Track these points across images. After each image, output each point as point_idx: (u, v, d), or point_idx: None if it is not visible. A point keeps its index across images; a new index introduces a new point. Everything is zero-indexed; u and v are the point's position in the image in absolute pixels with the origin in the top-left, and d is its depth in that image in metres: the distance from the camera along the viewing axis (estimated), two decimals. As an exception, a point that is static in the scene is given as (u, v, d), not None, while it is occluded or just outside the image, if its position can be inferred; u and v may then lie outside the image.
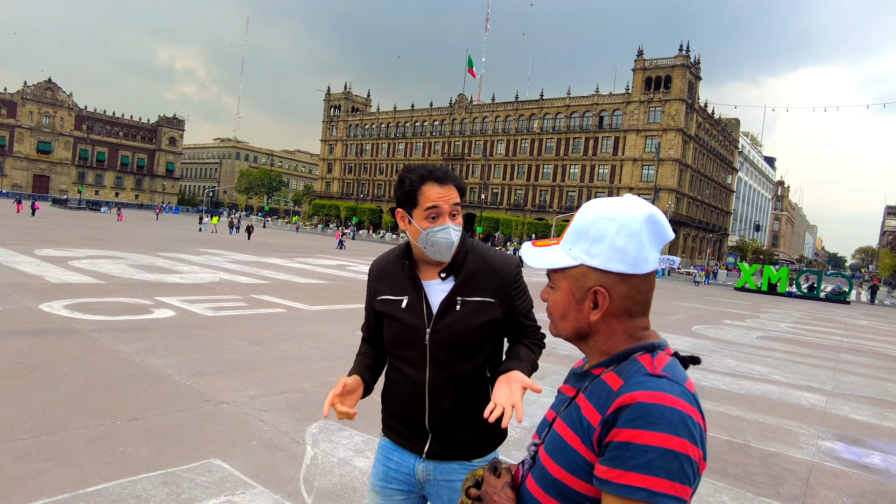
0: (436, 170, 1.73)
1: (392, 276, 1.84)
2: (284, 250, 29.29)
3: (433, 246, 1.70)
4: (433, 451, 1.76)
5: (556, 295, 1.12)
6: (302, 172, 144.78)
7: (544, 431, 1.14)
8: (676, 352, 1.08)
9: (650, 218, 1.03)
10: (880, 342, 15.61)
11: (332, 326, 9.24)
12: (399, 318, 1.77)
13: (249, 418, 4.71)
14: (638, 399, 0.92)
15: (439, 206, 1.69)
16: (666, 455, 0.88)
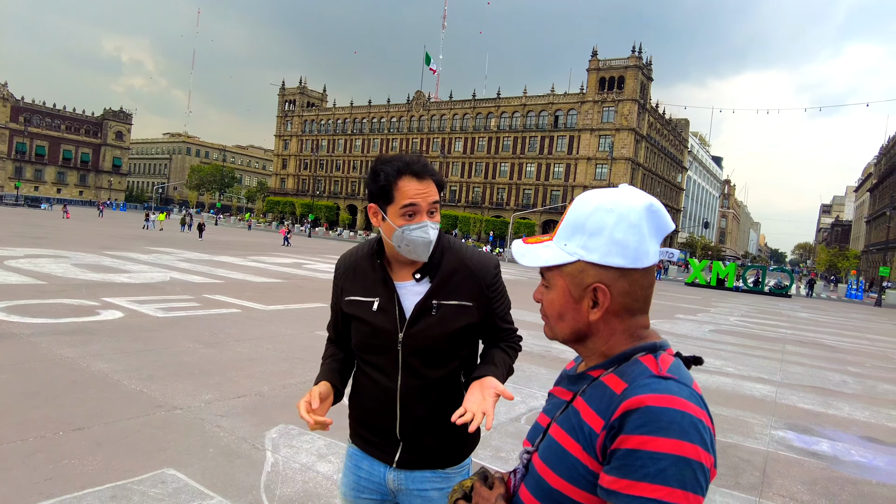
0: (413, 162, 1.59)
1: (362, 274, 1.71)
2: (238, 248, 28.51)
3: (409, 245, 1.58)
4: (404, 460, 1.67)
5: (551, 294, 1.05)
6: (255, 168, 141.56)
7: (538, 438, 1.06)
8: (679, 352, 1.02)
9: (650, 208, 0.97)
10: (820, 333, 16.36)
11: (290, 327, 9.01)
12: (369, 322, 1.65)
13: (205, 424, 4.51)
14: (646, 403, 0.86)
15: (417, 204, 1.56)
16: (679, 463, 0.82)
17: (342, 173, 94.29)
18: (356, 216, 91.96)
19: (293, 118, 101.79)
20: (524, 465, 1.07)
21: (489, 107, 79.29)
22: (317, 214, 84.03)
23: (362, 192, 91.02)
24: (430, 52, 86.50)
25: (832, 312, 26.84)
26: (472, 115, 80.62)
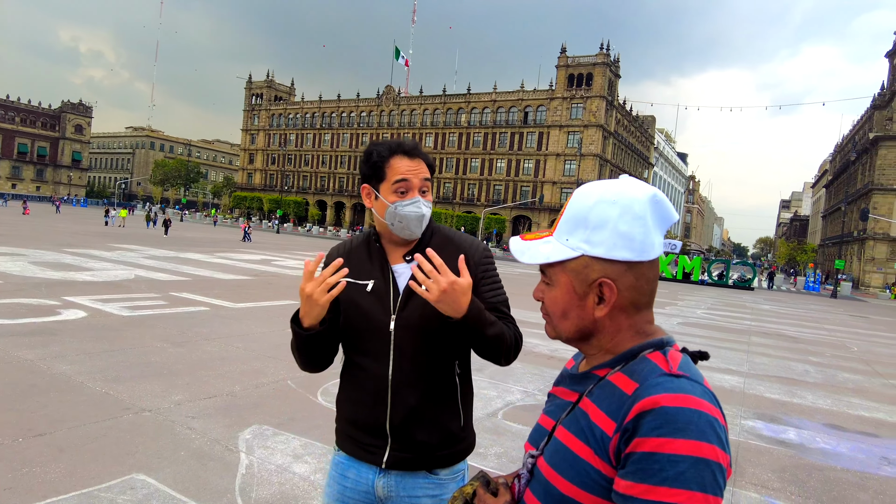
0: (405, 143, 1.62)
1: (357, 258, 1.69)
2: (205, 245, 27.90)
3: (402, 221, 1.58)
4: (394, 458, 1.60)
5: (553, 292, 1.01)
6: (222, 163, 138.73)
7: (542, 441, 1.02)
8: (685, 347, 0.99)
9: (654, 198, 0.94)
10: (782, 325, 16.86)
11: (260, 325, 8.83)
12: (361, 304, 1.62)
13: (175, 426, 4.37)
14: (661, 403, 0.83)
15: (409, 180, 1.58)
16: (698, 464, 0.79)
17: (311, 168, 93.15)
18: (325, 212, 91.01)
19: (260, 112, 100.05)
20: (528, 469, 1.03)
21: (459, 102, 79.29)
22: (285, 210, 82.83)
23: (332, 188, 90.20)
24: (399, 47, 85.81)
25: (792, 304, 27.70)
26: (442, 110, 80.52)
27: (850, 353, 12.37)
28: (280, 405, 5.13)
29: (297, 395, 5.46)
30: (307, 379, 6.03)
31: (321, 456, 4.07)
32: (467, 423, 1.69)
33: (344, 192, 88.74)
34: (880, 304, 36.90)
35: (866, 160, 56.85)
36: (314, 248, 36.10)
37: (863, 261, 52.65)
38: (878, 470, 5.08)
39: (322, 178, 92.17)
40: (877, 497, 4.47)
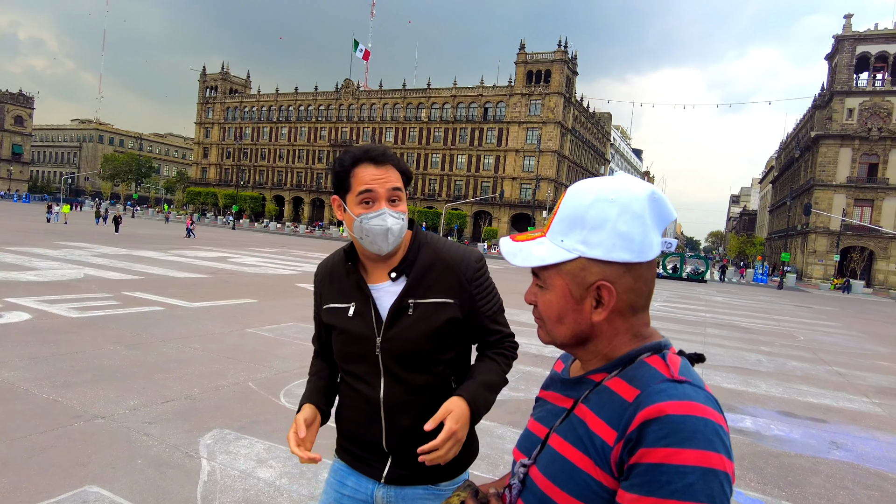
0: (372, 149, 1.51)
1: (338, 280, 1.61)
2: (158, 242, 26.97)
3: (368, 235, 1.48)
4: (394, 475, 1.54)
5: (548, 296, 0.96)
6: (175, 158, 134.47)
7: (535, 450, 0.97)
8: (681, 350, 0.96)
9: (652, 196, 0.90)
10: (735, 316, 17.46)
11: (218, 324, 8.57)
12: (346, 329, 1.55)
13: (131, 433, 4.18)
14: (666, 411, 0.79)
15: (374, 190, 1.47)
16: (707, 475, 0.76)
17: (268, 162, 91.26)
18: (283, 207, 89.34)
19: (215, 105, 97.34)
20: (520, 479, 0.98)
21: (420, 97, 78.99)
22: (241, 206, 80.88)
23: (289, 182, 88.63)
24: (358, 41, 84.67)
25: (743, 296, 28.74)
26: (402, 105, 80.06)
27: (798, 342, 12.91)
28: (242, 408, 4.98)
29: (260, 397, 5.31)
30: (269, 380, 5.89)
31: (286, 460, 3.96)
32: (470, 437, 1.61)
33: (302, 187, 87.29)
34: (821, 294, 38.72)
35: (808, 157, 59.44)
36: (272, 244, 35.39)
37: (806, 253, 55.08)
38: (828, 454, 5.29)
39: (279, 173, 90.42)
40: (828, 480, 4.65)
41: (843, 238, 50.99)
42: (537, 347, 8.53)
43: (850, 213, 51.94)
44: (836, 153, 53.32)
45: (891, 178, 51.47)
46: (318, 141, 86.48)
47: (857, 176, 52.66)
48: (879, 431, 6.22)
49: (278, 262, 21.46)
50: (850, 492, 4.45)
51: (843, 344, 13.33)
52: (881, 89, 52.69)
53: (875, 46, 53.00)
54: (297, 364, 6.58)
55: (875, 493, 4.46)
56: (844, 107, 53.40)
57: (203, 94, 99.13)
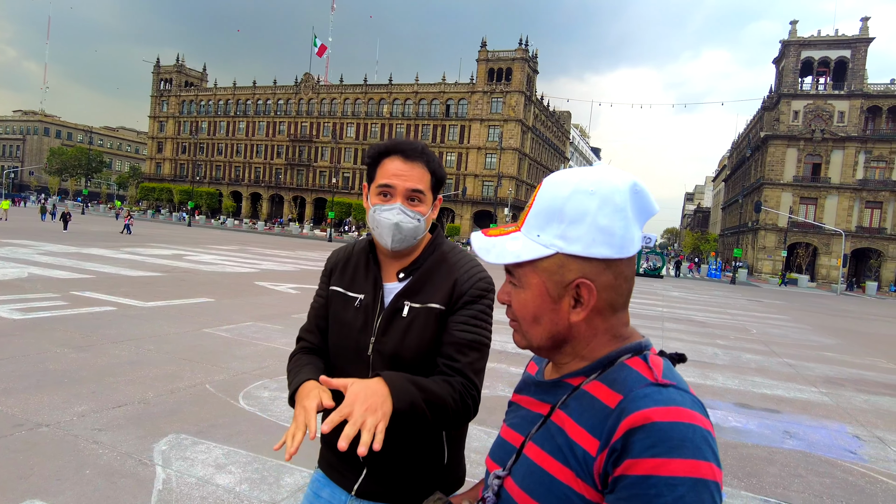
0: (404, 143, 1.46)
1: (353, 267, 1.54)
2: (110, 239, 25.94)
3: (377, 227, 1.43)
4: (365, 489, 1.46)
5: (523, 295, 0.90)
6: (127, 152, 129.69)
7: (510, 460, 0.91)
8: (662, 350, 0.91)
9: (634, 188, 0.85)
10: (691, 310, 17.94)
11: (174, 325, 8.27)
12: (345, 320, 1.49)
13: (79, 441, 3.96)
14: (652, 418, 0.74)
15: (393, 186, 1.41)
16: (697, 486, 0.72)
17: (225, 157, 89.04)
18: (241, 204, 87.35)
19: (170, 98, 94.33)
20: (494, 492, 0.92)
21: (381, 92, 78.39)
22: (197, 202, 78.66)
23: (247, 178, 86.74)
24: (318, 35, 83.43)
25: (698, 291, 29.60)
26: (363, 100, 79.30)
27: (751, 335, 13.34)
28: (199, 411, 4.79)
29: (218, 400, 5.13)
30: (227, 382, 5.70)
31: (246, 465, 3.83)
32: (453, 459, 1.52)
33: (260, 182, 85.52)
34: (771, 288, 40.25)
35: (758, 157, 61.66)
36: (229, 241, 34.53)
37: (756, 249, 57.15)
38: (782, 444, 5.46)
39: (237, 168, 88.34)
40: (784, 469, 4.79)
41: (790, 235, 53.11)
42: (501, 343, 8.55)
43: (796, 210, 54.15)
44: (783, 153, 55.46)
45: (833, 178, 53.88)
46: (277, 136, 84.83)
47: (802, 175, 54.91)
48: (828, 420, 6.46)
49: (236, 260, 20.94)
50: (804, 479, 4.60)
51: (792, 336, 13.86)
52: (823, 93, 55.04)
53: (818, 52, 55.31)
54: (255, 365, 6.40)
55: (826, 480, 4.62)
56: (791, 109, 55.58)
57: (157, 86, 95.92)
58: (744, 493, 4.20)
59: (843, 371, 9.66)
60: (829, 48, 55.00)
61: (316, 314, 1.59)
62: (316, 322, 1.58)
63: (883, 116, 53.68)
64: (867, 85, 53.78)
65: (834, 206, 53.89)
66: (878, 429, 6.31)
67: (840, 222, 52.61)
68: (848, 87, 53.83)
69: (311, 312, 1.61)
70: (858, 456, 5.32)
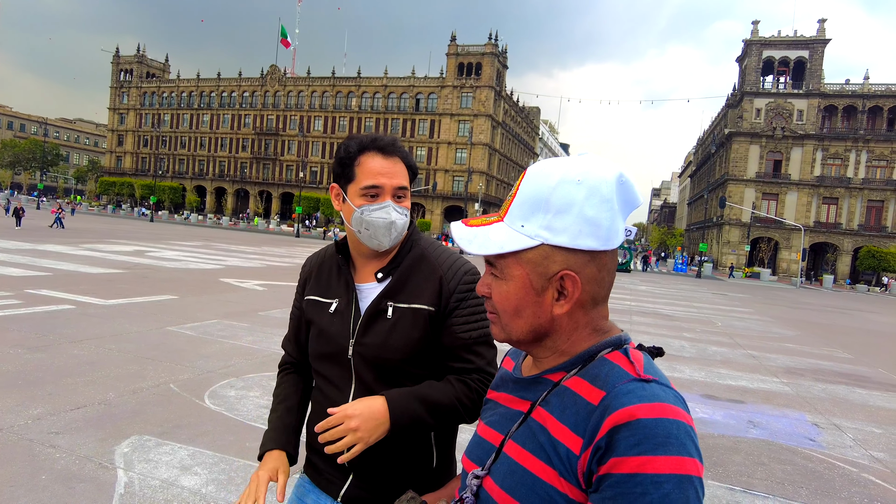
0: (380, 138, 1.42)
1: (326, 273, 1.52)
2: (67, 235, 25.07)
3: (368, 228, 1.38)
4: (351, 494, 1.42)
5: (505, 286, 0.87)
6: (85, 145, 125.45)
7: (489, 459, 0.89)
8: (641, 344, 0.89)
9: (621, 179, 0.83)
10: (658, 304, 18.30)
11: (136, 323, 8.03)
12: (323, 326, 1.46)
13: (34, 445, 3.80)
14: (636, 415, 0.73)
15: (381, 186, 1.37)
16: (682, 483, 0.71)
17: (188, 151, 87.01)
18: (205, 198, 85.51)
19: (130, 89, 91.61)
20: (473, 492, 0.89)
21: (350, 85, 77.61)
22: (160, 196, 76.68)
23: (212, 172, 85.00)
24: (286, 27, 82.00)
25: (664, 285, 30.21)
26: (331, 93, 78.37)
27: (716, 328, 13.67)
28: (163, 412, 4.65)
29: (182, 400, 4.99)
30: (193, 381, 5.55)
31: (212, 466, 3.72)
32: (442, 461, 1.49)
33: (225, 177, 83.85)
34: (735, 282, 41.36)
35: (723, 153, 63.21)
36: (193, 237, 33.77)
37: (721, 244, 58.67)
38: (746, 433, 5.60)
39: (201, 162, 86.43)
40: (748, 457, 4.91)
41: (753, 229, 54.63)
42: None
43: (758, 206, 55.73)
44: (746, 150, 56.99)
45: (792, 175, 55.63)
46: (243, 129, 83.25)
47: (764, 172, 56.54)
48: (789, 409, 6.65)
49: (200, 256, 20.48)
50: (767, 467, 4.72)
51: (755, 328, 14.25)
52: (784, 92, 56.74)
53: (778, 52, 56.95)
54: (221, 364, 6.25)
55: (787, 467, 4.75)
56: (753, 107, 57.12)
57: (116, 77, 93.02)
58: (710, 483, 4.28)
59: (803, 362, 9.97)
60: (789, 48, 56.66)
61: (295, 325, 1.60)
62: (295, 331, 1.60)
63: (838, 115, 55.63)
64: (824, 85, 55.63)
65: (794, 201, 55.66)
66: (835, 416, 6.53)
67: (799, 217, 54.39)
68: (806, 86, 55.59)
69: (291, 323, 1.62)
70: (817, 443, 5.49)
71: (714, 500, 3.99)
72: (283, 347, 1.64)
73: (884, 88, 54.59)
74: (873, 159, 54.35)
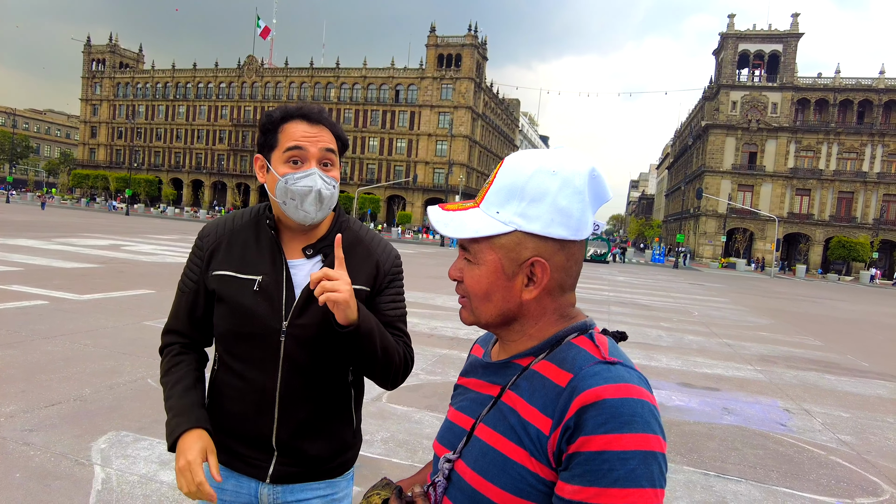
0: (306, 106, 1.36)
1: (241, 245, 1.40)
2: (39, 229, 24.49)
3: (294, 198, 1.31)
4: (280, 473, 1.40)
5: (477, 271, 0.90)
6: (57, 137, 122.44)
7: (461, 443, 0.91)
8: (605, 328, 0.93)
9: (593, 173, 0.87)
10: (636, 294, 18.54)
11: (112, 318, 7.91)
12: (245, 305, 1.35)
13: (7, 444, 3.73)
14: (603, 396, 0.76)
15: (304, 148, 1.32)
16: (647, 459, 0.75)
17: (164, 143, 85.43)
18: (182, 191, 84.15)
19: (103, 80, 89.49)
20: (445, 476, 0.91)
21: (328, 76, 76.81)
22: (135, 189, 75.26)
23: (188, 164, 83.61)
24: (262, 17, 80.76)
25: (642, 275, 30.60)
26: (310, 84, 77.50)
27: (692, 317, 13.91)
28: (140, 407, 4.61)
29: (160, 395, 4.90)
30: (171, 375, 5.49)
31: (192, 460, 3.70)
32: (358, 427, 1.55)
33: (202, 169, 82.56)
34: (711, 272, 42.07)
35: (700, 145, 64.06)
36: (170, 230, 33.27)
37: (697, 235, 59.56)
38: (721, 420, 5.73)
39: (177, 154, 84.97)
40: (722, 443, 5.03)
41: (729, 220, 55.55)
42: (453, 330, 8.60)
43: (734, 197, 56.66)
44: (722, 142, 57.81)
45: (767, 166, 56.61)
46: (219, 120, 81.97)
47: (740, 163, 57.44)
48: (762, 396, 6.82)
49: (177, 250, 20.19)
50: (740, 452, 4.84)
51: (730, 318, 14.53)
52: (759, 84, 57.61)
53: (753, 45, 57.77)
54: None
55: (759, 452, 4.88)
56: (729, 99, 57.92)
57: (88, 67, 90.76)
58: (686, 468, 4.39)
59: (776, 349, 10.21)
60: (764, 42, 57.48)
61: (188, 301, 1.45)
62: (187, 308, 1.45)
63: (811, 108, 56.70)
64: (797, 78, 56.60)
65: (768, 193, 56.68)
66: (806, 402, 6.71)
67: (774, 209, 55.43)
68: (780, 79, 56.50)
69: (180, 299, 1.47)
70: (788, 428, 5.65)
71: (689, 486, 4.08)
72: (173, 330, 1.49)
73: (854, 82, 55.75)
74: (843, 151, 55.57)
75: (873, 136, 54.55)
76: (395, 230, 56.81)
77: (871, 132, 54.49)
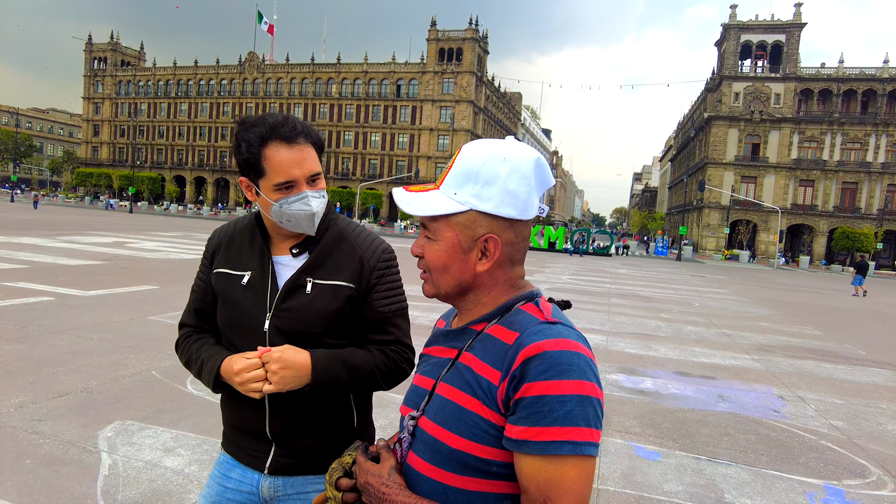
0: (280, 125, 1.36)
1: (237, 247, 1.51)
2: (44, 227, 24.68)
3: (290, 220, 1.40)
4: (278, 464, 1.47)
5: (436, 246, 1.01)
6: (60, 136, 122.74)
7: (423, 401, 1.02)
8: (551, 298, 1.06)
9: (538, 161, 0.99)
10: (637, 287, 18.60)
11: (117, 313, 8.03)
12: (235, 299, 1.45)
13: (17, 433, 3.86)
14: (544, 349, 0.88)
15: (294, 179, 1.37)
16: (583, 402, 0.86)
17: (166, 141, 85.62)
18: (185, 188, 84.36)
19: (105, 78, 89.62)
20: (410, 432, 1.02)
21: (329, 72, 76.74)
22: (139, 187, 75.49)
23: (191, 161, 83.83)
24: (262, 12, 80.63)
25: (644, 268, 30.63)
26: (311, 79, 77.45)
27: (693, 308, 13.98)
28: (145, 398, 4.72)
29: (164, 386, 5.06)
30: (174, 368, 5.61)
31: (195, 447, 3.82)
32: (363, 421, 1.58)
33: (204, 166, 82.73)
34: (714, 264, 42.04)
35: (702, 137, 63.81)
36: (173, 227, 33.44)
37: (700, 227, 59.42)
38: (715, 407, 5.82)
39: (179, 152, 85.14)
40: (715, 429, 5.12)
41: (732, 212, 55.43)
42: (431, 321, 8.69)
43: (737, 189, 56.49)
44: (725, 133, 57.59)
45: (770, 157, 56.39)
46: (221, 117, 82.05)
47: (742, 155, 57.22)
48: (757, 384, 6.90)
49: (181, 247, 20.34)
50: (732, 437, 4.93)
51: (730, 309, 14.59)
52: (761, 76, 57.30)
53: (756, 36, 57.42)
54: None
55: (751, 437, 4.98)
56: (732, 91, 57.64)
57: (90, 65, 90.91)
58: (678, 453, 4.48)
59: (774, 339, 10.28)
60: (766, 32, 57.14)
61: (197, 298, 1.56)
62: (196, 307, 1.56)
63: (814, 99, 56.40)
64: (800, 69, 56.28)
65: (771, 184, 56.48)
66: (801, 389, 6.79)
67: (777, 200, 55.25)
68: (783, 70, 56.19)
69: (192, 297, 1.58)
70: (781, 414, 5.74)
71: (679, 469, 4.18)
72: (186, 323, 1.59)
73: (857, 72, 55.43)
74: (847, 142, 55.31)
75: (877, 126, 54.28)
76: (398, 225, 56.88)
77: (875, 122, 54.21)
